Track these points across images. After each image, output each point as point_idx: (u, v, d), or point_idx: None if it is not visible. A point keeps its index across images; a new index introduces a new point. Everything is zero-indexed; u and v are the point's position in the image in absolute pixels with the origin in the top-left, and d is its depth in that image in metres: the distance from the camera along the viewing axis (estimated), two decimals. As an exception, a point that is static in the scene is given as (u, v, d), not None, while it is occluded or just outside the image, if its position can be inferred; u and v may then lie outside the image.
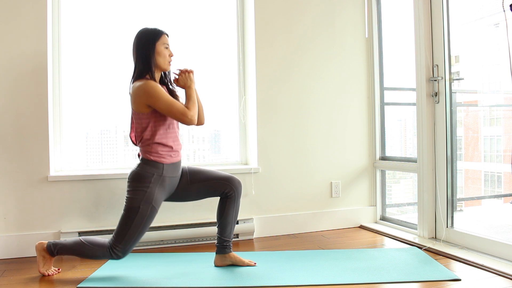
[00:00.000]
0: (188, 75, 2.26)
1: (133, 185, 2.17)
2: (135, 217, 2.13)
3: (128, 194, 2.17)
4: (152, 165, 2.18)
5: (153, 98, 2.11)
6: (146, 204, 2.14)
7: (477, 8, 3.27)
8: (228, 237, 2.34)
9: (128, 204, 2.15)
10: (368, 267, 2.29)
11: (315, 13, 3.28)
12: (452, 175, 2.75)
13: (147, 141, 2.19)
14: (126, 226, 2.14)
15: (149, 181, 2.16)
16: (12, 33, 2.63)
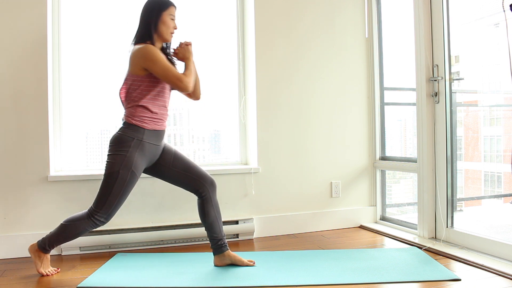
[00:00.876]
0: (186, 47, 2.28)
1: (113, 148, 2.17)
2: (115, 183, 2.13)
3: (108, 159, 2.17)
4: (133, 129, 2.18)
5: (150, 61, 2.12)
6: (126, 169, 2.14)
7: (477, 8, 3.27)
8: (219, 235, 2.33)
9: (108, 169, 2.15)
10: (368, 267, 2.29)
11: (315, 13, 3.28)
12: (452, 175, 2.75)
13: (132, 103, 2.19)
14: (106, 192, 2.14)
15: (128, 145, 2.15)
16: (13, 33, 2.63)
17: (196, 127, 3.27)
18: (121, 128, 2.21)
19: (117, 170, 2.13)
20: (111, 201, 2.14)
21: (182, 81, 2.15)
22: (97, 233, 2.72)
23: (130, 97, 2.20)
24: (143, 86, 2.18)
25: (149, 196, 2.89)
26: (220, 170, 3.04)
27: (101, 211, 2.15)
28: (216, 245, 2.34)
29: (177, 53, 2.29)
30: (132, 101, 2.19)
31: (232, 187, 3.07)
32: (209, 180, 2.35)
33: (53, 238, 2.22)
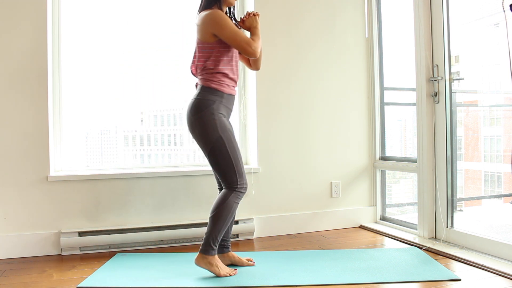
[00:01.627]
0: (254, 17, 2.27)
1: (198, 116, 2.12)
2: (226, 148, 2.11)
3: (198, 132, 2.13)
4: (213, 93, 2.16)
5: (219, 26, 2.11)
6: (224, 130, 2.12)
7: (477, 8, 3.27)
8: (226, 236, 2.34)
9: (208, 143, 2.11)
10: (368, 267, 2.29)
11: (315, 13, 3.28)
12: (452, 175, 2.75)
13: (209, 70, 2.17)
14: (226, 162, 2.11)
15: (212, 108, 2.13)
16: (12, 33, 2.63)
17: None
18: (199, 93, 2.18)
19: (218, 135, 2.11)
20: (236, 164, 2.13)
21: (251, 46, 2.13)
22: (97, 233, 2.72)
23: (205, 67, 2.18)
24: (215, 53, 2.17)
25: (149, 196, 2.89)
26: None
27: (237, 180, 2.13)
28: (220, 245, 2.33)
29: (243, 22, 2.28)
30: (208, 69, 2.18)
31: (232, 187, 3.06)
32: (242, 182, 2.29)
33: (213, 233, 2.14)
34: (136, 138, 3.18)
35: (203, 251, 2.15)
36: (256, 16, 2.29)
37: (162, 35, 3.12)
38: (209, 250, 2.15)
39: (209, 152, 2.14)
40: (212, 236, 2.14)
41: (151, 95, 3.15)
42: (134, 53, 3.06)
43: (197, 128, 2.14)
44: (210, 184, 3.00)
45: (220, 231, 2.15)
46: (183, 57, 3.15)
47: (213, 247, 2.15)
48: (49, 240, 2.68)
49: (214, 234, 2.14)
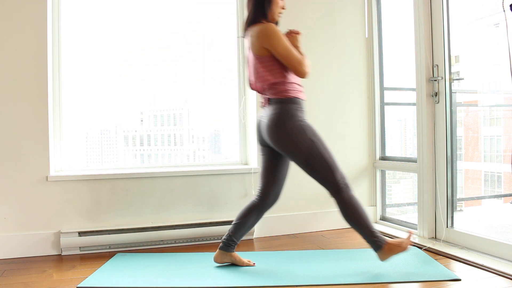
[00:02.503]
0: (296, 36, 2.26)
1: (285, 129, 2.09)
2: (320, 150, 2.09)
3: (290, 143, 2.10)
4: (291, 101, 2.14)
5: (273, 41, 2.08)
6: (312, 133, 2.10)
7: (477, 8, 3.27)
8: (237, 238, 2.34)
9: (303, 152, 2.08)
10: (368, 267, 2.29)
11: (315, 12, 3.28)
12: (452, 175, 2.75)
13: (281, 82, 2.14)
14: (322, 164, 2.09)
15: (296, 115, 2.11)
16: (12, 33, 2.63)
17: (196, 127, 3.27)
18: (277, 107, 2.14)
19: (310, 140, 2.09)
20: (332, 164, 2.10)
21: (303, 65, 2.12)
22: (97, 233, 2.72)
23: (274, 80, 2.14)
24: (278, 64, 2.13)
25: (149, 196, 2.89)
26: (220, 170, 3.04)
27: (338, 178, 2.11)
28: (227, 243, 2.32)
29: None
30: (278, 82, 2.14)
31: (232, 187, 3.07)
32: (277, 195, 2.35)
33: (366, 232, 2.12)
34: (136, 138, 3.18)
35: (378, 247, 2.14)
36: (298, 35, 2.26)
37: (162, 35, 3.12)
38: (380, 243, 2.13)
39: (306, 160, 2.11)
40: (368, 234, 2.13)
41: (151, 95, 3.15)
42: (134, 53, 3.06)
43: (287, 140, 2.11)
44: (210, 184, 3.01)
45: (367, 225, 2.13)
46: (183, 57, 3.15)
47: (378, 238, 2.13)
48: (49, 240, 2.68)
49: (367, 231, 2.13)
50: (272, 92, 2.17)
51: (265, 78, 2.17)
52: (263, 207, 2.34)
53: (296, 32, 2.27)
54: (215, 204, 3.03)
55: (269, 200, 2.34)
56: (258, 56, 2.15)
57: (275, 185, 2.33)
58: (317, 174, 2.14)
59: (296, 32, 2.27)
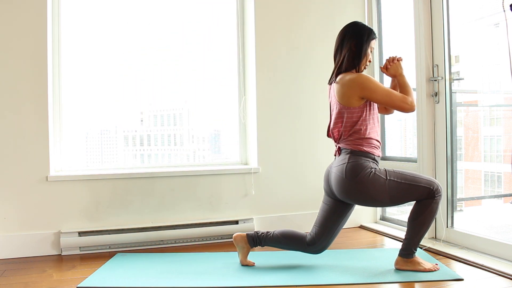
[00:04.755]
0: (398, 63, 2.21)
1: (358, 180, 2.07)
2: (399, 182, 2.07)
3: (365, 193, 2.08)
4: (365, 155, 2.11)
5: (369, 90, 2.06)
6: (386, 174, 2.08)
7: (477, 8, 3.27)
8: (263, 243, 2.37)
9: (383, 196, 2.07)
10: (368, 267, 2.29)
11: (315, 12, 3.28)
12: (452, 175, 2.75)
13: (358, 135, 2.12)
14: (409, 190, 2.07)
15: (368, 165, 2.09)
16: (12, 33, 2.63)
17: (196, 127, 3.27)
18: (350, 157, 2.11)
19: (386, 179, 2.08)
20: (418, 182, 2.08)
21: (407, 102, 2.08)
22: (97, 233, 2.72)
23: (353, 131, 2.12)
24: (364, 116, 2.11)
25: (149, 196, 2.89)
26: (220, 170, 3.04)
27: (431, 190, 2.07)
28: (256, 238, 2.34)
29: (387, 69, 2.23)
30: (357, 133, 2.12)
31: (232, 187, 3.06)
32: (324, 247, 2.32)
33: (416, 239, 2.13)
34: (136, 138, 3.18)
35: (404, 255, 2.16)
36: (400, 61, 2.22)
37: (162, 35, 3.12)
38: (410, 254, 2.15)
39: (391, 200, 2.10)
40: (414, 241, 2.14)
41: (151, 95, 3.15)
42: (134, 53, 3.06)
43: (361, 191, 2.09)
44: (210, 184, 3.01)
45: (423, 236, 2.14)
46: (183, 57, 3.15)
47: (413, 251, 2.15)
48: (49, 240, 2.68)
49: (416, 239, 2.13)
50: (346, 142, 2.15)
51: (345, 129, 2.14)
52: (305, 249, 2.33)
53: (398, 59, 2.23)
54: (215, 204, 3.03)
55: (316, 248, 2.31)
56: (344, 106, 2.12)
57: (328, 237, 2.29)
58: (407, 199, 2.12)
59: (398, 59, 2.22)
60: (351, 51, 2.15)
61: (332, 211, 2.27)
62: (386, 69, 2.24)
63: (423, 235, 2.15)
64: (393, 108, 2.14)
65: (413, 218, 2.13)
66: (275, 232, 2.36)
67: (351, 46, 2.15)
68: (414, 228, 2.13)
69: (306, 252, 2.35)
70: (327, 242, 2.30)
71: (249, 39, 3.20)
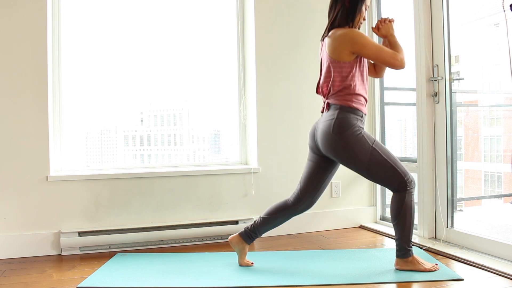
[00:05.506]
0: (390, 24, 2.23)
1: (344, 136, 2.07)
2: (381, 155, 2.08)
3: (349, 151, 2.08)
4: (354, 112, 2.11)
5: (361, 45, 2.06)
6: (372, 141, 2.10)
7: (477, 8, 3.27)
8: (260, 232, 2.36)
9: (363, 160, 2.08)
10: (368, 267, 2.29)
11: (315, 12, 3.28)
12: (452, 175, 2.75)
13: (347, 90, 2.11)
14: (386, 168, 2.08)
15: (356, 124, 2.09)
16: (12, 33, 2.63)
17: (196, 127, 3.27)
18: (339, 112, 2.10)
19: (371, 148, 2.08)
20: (397, 166, 2.10)
21: (397, 59, 2.08)
22: (97, 233, 2.72)
23: (342, 87, 2.11)
24: (353, 72, 2.11)
25: (149, 196, 2.89)
26: (220, 170, 3.03)
27: (404, 180, 2.10)
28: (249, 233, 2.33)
29: (379, 29, 2.24)
30: (345, 89, 2.11)
31: (232, 187, 3.07)
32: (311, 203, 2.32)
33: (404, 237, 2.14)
34: (136, 138, 3.18)
35: (401, 255, 2.18)
36: (391, 22, 2.24)
37: (162, 35, 3.12)
38: (406, 253, 2.17)
39: (367, 168, 2.11)
40: (404, 239, 2.15)
41: (151, 95, 3.15)
42: (134, 53, 3.06)
43: (345, 148, 2.09)
44: (210, 184, 3.01)
45: (410, 231, 2.16)
46: (183, 57, 3.15)
47: (408, 249, 2.17)
48: (49, 240, 2.68)
49: (405, 237, 2.15)
50: (336, 98, 2.14)
51: (334, 84, 2.14)
52: (293, 211, 2.33)
53: (390, 20, 2.24)
54: (215, 204, 3.03)
55: (303, 205, 2.31)
56: (334, 60, 2.12)
57: (314, 194, 2.30)
58: (380, 178, 2.14)
59: (389, 20, 2.23)
60: (344, 7, 2.14)
61: (317, 168, 2.28)
62: (378, 29, 2.26)
63: (410, 231, 2.15)
64: (383, 64, 2.12)
65: (394, 218, 2.16)
66: (261, 216, 2.35)
67: (345, 2, 2.14)
68: (399, 227, 2.15)
69: (296, 213, 2.33)
70: (312, 197, 2.30)
71: (249, 39, 3.20)
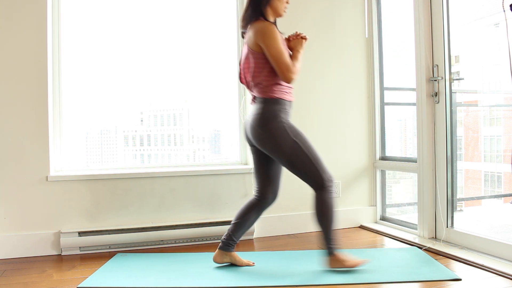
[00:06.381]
0: (302, 40, 2.26)
1: (267, 128, 2.10)
2: (303, 150, 2.11)
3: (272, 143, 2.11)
4: (276, 102, 2.13)
5: (267, 40, 2.07)
6: (296, 134, 2.12)
7: (477, 8, 3.27)
8: (237, 238, 2.34)
9: (285, 152, 2.10)
10: (368, 267, 2.29)
11: (315, 12, 3.28)
12: (452, 175, 2.75)
13: (267, 81, 2.14)
14: (306, 163, 2.11)
15: (280, 116, 2.12)
16: (12, 33, 2.63)
17: (196, 127, 3.27)
18: (262, 106, 2.14)
19: (293, 141, 2.11)
20: (317, 162, 2.13)
21: (291, 71, 2.10)
22: (97, 233, 2.72)
23: (262, 77, 2.15)
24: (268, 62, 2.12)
25: (149, 196, 2.89)
26: (220, 170, 3.03)
27: (323, 178, 2.13)
28: (227, 242, 2.33)
29: (289, 41, 2.27)
30: (265, 80, 2.14)
31: (232, 187, 3.06)
32: (275, 195, 2.35)
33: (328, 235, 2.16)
34: (136, 138, 3.18)
35: (330, 254, 2.19)
36: (304, 40, 2.27)
37: (162, 35, 3.12)
38: (331, 250, 2.18)
39: (288, 160, 2.13)
40: (328, 237, 2.17)
41: (151, 95, 3.15)
42: (134, 53, 3.06)
43: (269, 140, 2.13)
44: (210, 184, 3.01)
45: (333, 229, 2.18)
46: (183, 57, 3.15)
47: (334, 246, 2.18)
48: (49, 240, 2.68)
49: (328, 235, 2.17)
50: (258, 90, 2.18)
51: (254, 75, 2.17)
52: (262, 206, 2.34)
53: (303, 36, 2.27)
54: (215, 204, 3.03)
55: (268, 199, 2.34)
56: (252, 50, 2.16)
57: (271, 184, 2.33)
58: (300, 172, 2.16)
59: (303, 37, 2.27)
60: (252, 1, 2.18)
61: (260, 160, 2.31)
62: (289, 41, 2.28)
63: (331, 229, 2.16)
64: (276, 69, 2.10)
65: (315, 218, 2.18)
66: (232, 222, 2.35)
67: None
68: (320, 227, 2.17)
69: (266, 207, 2.34)
70: (272, 188, 2.32)
71: (249, 39, 3.20)
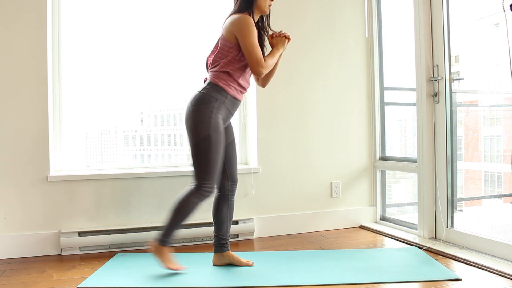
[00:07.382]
0: (284, 40, 2.28)
1: (197, 109, 2.12)
2: (210, 147, 2.10)
3: (192, 122, 2.12)
4: (218, 91, 2.15)
5: (242, 32, 2.10)
6: (214, 130, 2.11)
7: (477, 8, 3.27)
8: (224, 235, 2.35)
9: (196, 136, 2.11)
10: (368, 267, 2.29)
11: (315, 12, 3.28)
12: (452, 175, 2.75)
13: (221, 68, 2.16)
14: (204, 159, 2.11)
15: (212, 105, 2.12)
16: (12, 33, 2.63)
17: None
18: (205, 87, 2.17)
19: (208, 134, 2.10)
20: (212, 167, 2.12)
21: (261, 65, 2.12)
22: (97, 233, 2.72)
23: (219, 64, 2.17)
24: (234, 55, 2.15)
25: (149, 196, 2.89)
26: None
27: (205, 181, 2.13)
28: (219, 244, 2.35)
29: (272, 38, 2.28)
30: (221, 67, 2.16)
31: (232, 187, 3.06)
32: (233, 180, 2.37)
33: (170, 227, 2.19)
34: (136, 138, 3.18)
35: (161, 243, 2.19)
36: (286, 40, 2.28)
37: (162, 35, 3.12)
38: (164, 243, 2.19)
39: (193, 146, 2.14)
40: (169, 230, 2.19)
41: (151, 95, 3.15)
42: (134, 53, 3.06)
43: (191, 119, 2.14)
44: (210, 184, 3.00)
45: (177, 227, 2.20)
46: (183, 57, 3.15)
47: (167, 240, 2.19)
48: (49, 240, 2.68)
49: (171, 228, 2.19)
50: (211, 73, 2.20)
51: (215, 57, 2.19)
52: (226, 197, 2.36)
53: (287, 36, 2.28)
54: (215, 204, 3.03)
55: (226, 186, 2.35)
56: (224, 38, 2.18)
57: (223, 172, 2.33)
58: (195, 163, 2.15)
59: (286, 37, 2.28)
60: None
61: None
62: (272, 38, 2.29)
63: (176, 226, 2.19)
64: (248, 61, 2.13)
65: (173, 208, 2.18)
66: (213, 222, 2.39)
67: None
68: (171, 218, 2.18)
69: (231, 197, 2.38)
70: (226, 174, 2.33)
71: (249, 39, 3.19)
